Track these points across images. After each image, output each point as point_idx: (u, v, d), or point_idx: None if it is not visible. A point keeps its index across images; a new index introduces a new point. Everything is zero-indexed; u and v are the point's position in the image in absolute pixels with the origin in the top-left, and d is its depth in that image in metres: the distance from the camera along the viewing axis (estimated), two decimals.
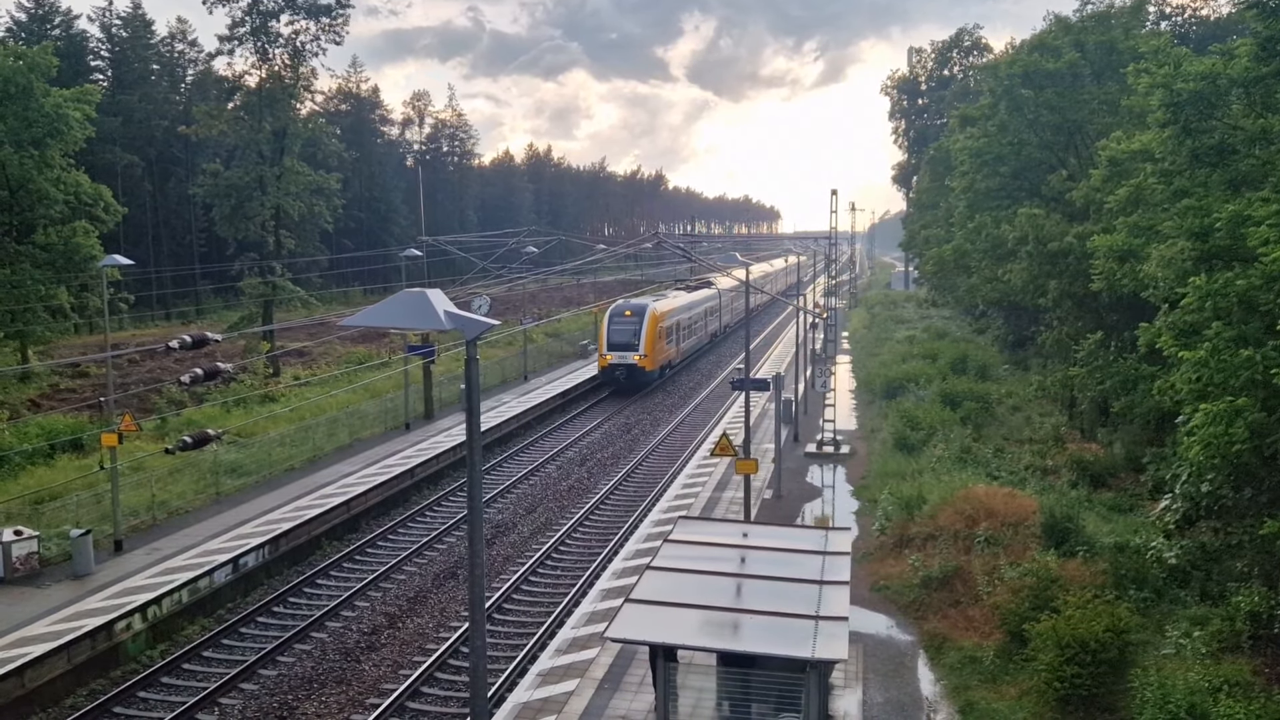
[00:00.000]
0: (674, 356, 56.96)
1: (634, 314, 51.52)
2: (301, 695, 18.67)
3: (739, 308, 79.83)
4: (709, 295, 69.19)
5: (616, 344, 50.40)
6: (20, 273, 46.00)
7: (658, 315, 52.42)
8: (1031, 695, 16.01)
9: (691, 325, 62.37)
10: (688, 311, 61.00)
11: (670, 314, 55.43)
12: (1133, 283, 22.27)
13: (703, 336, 67.05)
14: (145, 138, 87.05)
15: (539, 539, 28.02)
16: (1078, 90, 32.99)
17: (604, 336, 51.22)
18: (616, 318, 51.51)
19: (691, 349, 63.34)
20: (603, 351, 51.02)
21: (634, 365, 50.14)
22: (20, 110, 45.53)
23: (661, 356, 53.18)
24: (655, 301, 54.99)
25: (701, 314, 65.90)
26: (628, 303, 54.51)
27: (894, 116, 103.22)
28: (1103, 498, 25.56)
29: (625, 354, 50.11)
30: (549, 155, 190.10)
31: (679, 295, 62.73)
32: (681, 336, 58.76)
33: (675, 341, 56.84)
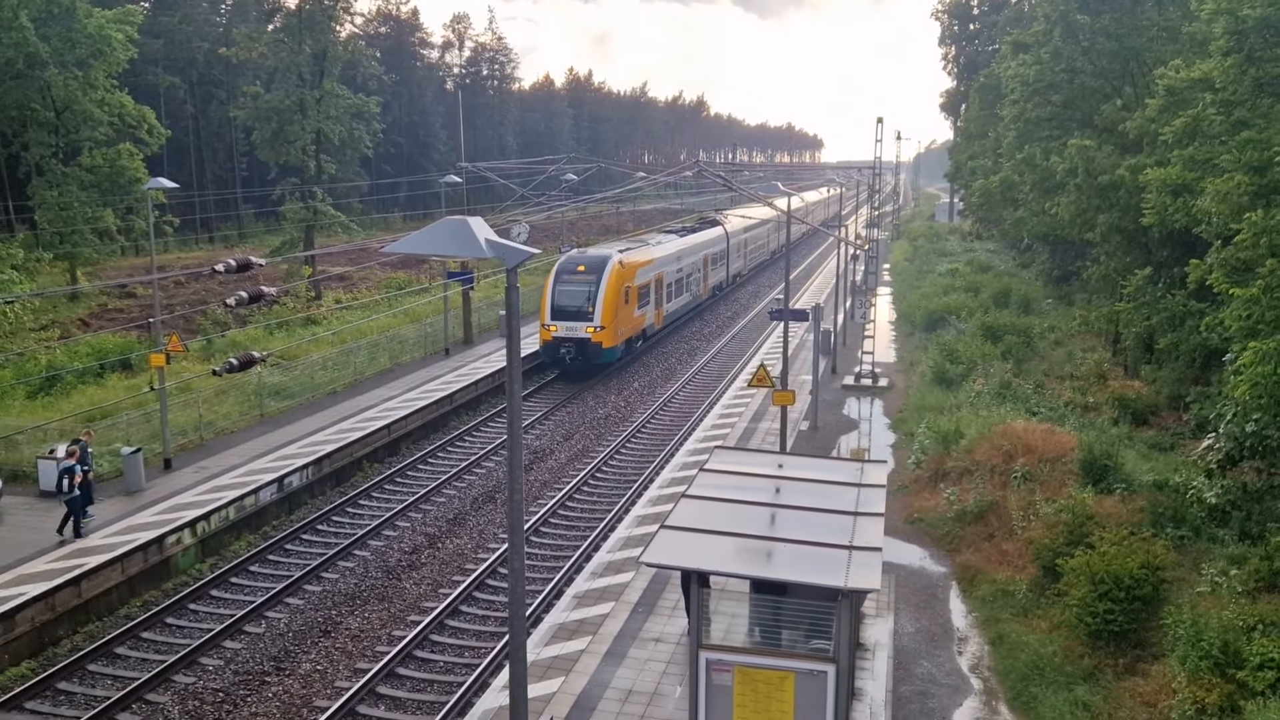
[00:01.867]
0: (652, 323, 44.43)
1: (589, 269, 38.54)
2: (345, 610, 19.25)
3: (759, 247, 72.87)
4: (711, 238, 57.09)
5: (563, 310, 37.82)
6: (68, 195, 46.67)
7: (624, 270, 39.30)
8: (1063, 629, 16.11)
9: (683, 279, 49.80)
10: (676, 262, 48.00)
11: (646, 267, 42.46)
12: (1185, 218, 21.73)
13: (698, 292, 53.76)
14: (186, 60, 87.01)
15: (576, 465, 28.37)
16: (1137, 16, 31.81)
17: (547, 299, 38.52)
18: (565, 275, 38.88)
19: (683, 309, 50.88)
20: (545, 320, 38.29)
21: (586, 340, 37.38)
22: (64, 31, 45.70)
23: (629, 326, 40.45)
24: (624, 251, 41.74)
25: (698, 263, 53.12)
26: (583, 254, 41.10)
27: (944, 42, 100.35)
28: (1144, 436, 25.31)
29: (574, 325, 37.37)
30: (589, 80, 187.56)
31: (665, 240, 49.13)
32: (667, 295, 46.23)
33: (655, 302, 44.28)
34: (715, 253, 57.42)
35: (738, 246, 64.36)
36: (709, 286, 56.34)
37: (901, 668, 15.59)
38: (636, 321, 41.75)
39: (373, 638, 18.25)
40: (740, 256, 66.17)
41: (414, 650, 17.58)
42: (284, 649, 17.72)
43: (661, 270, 44.99)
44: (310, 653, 17.65)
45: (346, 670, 17.07)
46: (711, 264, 56.42)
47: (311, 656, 17.52)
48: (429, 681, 16.75)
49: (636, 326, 41.86)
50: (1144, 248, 29.88)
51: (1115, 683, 14.70)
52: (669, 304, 47.07)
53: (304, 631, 18.37)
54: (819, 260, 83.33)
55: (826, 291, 55.41)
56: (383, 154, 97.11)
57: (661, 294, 45.22)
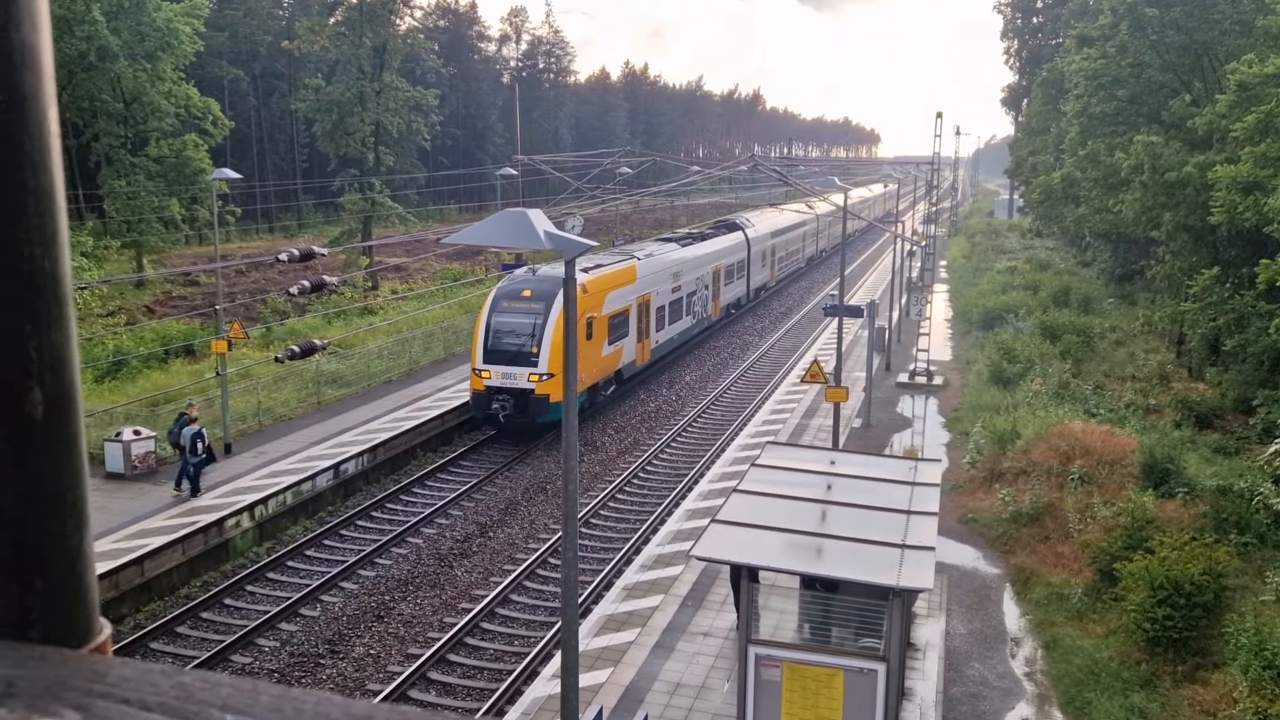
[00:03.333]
0: (632, 360, 34.47)
1: (536, 295, 28.81)
2: (398, 596, 19.54)
3: (791, 254, 64.12)
4: (726, 247, 47.72)
5: (499, 350, 28.55)
6: (135, 184, 47.81)
7: (587, 295, 29.55)
8: (1119, 634, 15.82)
9: (683, 299, 40.28)
10: (671, 280, 38.47)
11: (622, 289, 33.03)
12: (1256, 216, 21.19)
13: (704, 314, 43.75)
14: (249, 52, 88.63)
15: (626, 458, 28.46)
16: (1208, 9, 31.02)
17: (479, 335, 28.98)
18: (505, 302, 29.23)
19: (683, 336, 41.10)
20: (475, 363, 28.80)
21: (527, 393, 28.07)
22: (133, 24, 46.79)
23: (594, 368, 30.68)
24: (590, 269, 31.64)
25: (705, 278, 43.34)
26: (532, 274, 30.47)
27: (1006, 36, 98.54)
28: (1208, 439, 24.74)
29: (513, 371, 28.14)
30: (645, 73, 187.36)
31: (658, 252, 39.09)
32: (656, 321, 36.75)
33: (638, 333, 34.66)
34: (732, 264, 48.41)
35: (762, 255, 55.62)
36: (720, 306, 46.82)
37: (953, 669, 15.43)
38: (605, 362, 31.72)
39: (425, 623, 18.50)
40: (766, 267, 57.04)
41: (464, 637, 17.80)
42: (338, 632, 18.04)
43: (648, 291, 35.40)
44: (364, 636, 17.95)
45: (399, 655, 17.34)
46: (726, 278, 47.15)
47: (365, 640, 17.82)
48: (479, 669, 16.95)
49: (605, 368, 31.80)
50: (1211, 246, 29.17)
51: (1173, 690, 14.41)
52: (659, 333, 37.42)
53: (358, 616, 18.69)
54: (874, 256, 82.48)
55: (882, 288, 54.85)
56: (440, 146, 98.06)
57: (647, 321, 35.58)
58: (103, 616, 0.93)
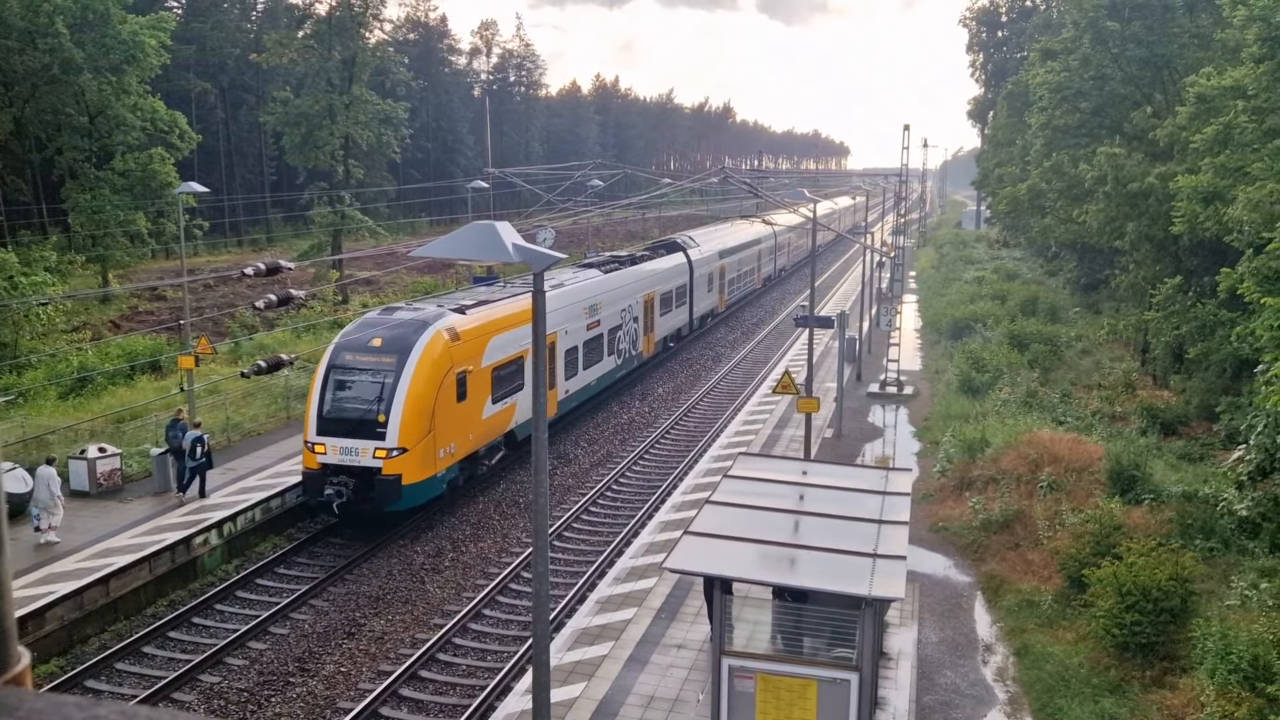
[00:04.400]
0: (529, 418, 25.07)
1: (387, 347, 23.07)
2: (369, 612, 19.36)
3: (744, 275, 59.17)
4: (663, 271, 41.99)
5: (337, 418, 22.72)
6: (100, 198, 47.33)
7: (456, 345, 23.78)
8: (1089, 640, 15.96)
9: (602, 336, 33.93)
10: (584, 316, 32.12)
11: (513, 334, 26.36)
12: (1216, 226, 21.54)
13: (633, 351, 37.69)
14: (217, 65, 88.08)
15: (599, 471, 28.41)
16: (1168, 23, 31.58)
17: (312, 399, 23.11)
18: (349, 352, 23.39)
19: (603, 380, 34.76)
20: (308, 435, 22.89)
21: (372, 472, 22.26)
22: (98, 37, 46.39)
23: (470, 434, 24.65)
24: (465, 309, 25.50)
25: (634, 308, 37.44)
26: (387, 318, 24.77)
27: (971, 49, 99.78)
28: (1172, 446, 25.06)
29: (354, 445, 22.37)
30: (616, 86, 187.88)
31: (573, 280, 33.13)
32: (566, 367, 30.59)
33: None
34: (669, 290, 42.51)
35: (708, 278, 49.90)
36: (655, 340, 40.65)
37: (925, 677, 15.49)
38: (488, 425, 25.62)
39: (396, 640, 18.34)
40: (712, 291, 51.14)
41: (437, 654, 17.67)
42: (308, 650, 17.84)
43: (553, 330, 29.02)
44: (334, 654, 17.76)
45: (370, 672, 17.17)
46: (662, 306, 41.40)
47: (335, 658, 17.63)
48: (451, 685, 16.82)
49: (488, 432, 25.71)
50: (1174, 256, 29.63)
51: (1142, 695, 14.54)
52: (571, 379, 31.11)
53: (328, 633, 18.49)
54: (844, 267, 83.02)
55: (852, 299, 55.23)
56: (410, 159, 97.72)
57: (552, 367, 29.51)
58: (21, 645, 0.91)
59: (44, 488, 20.04)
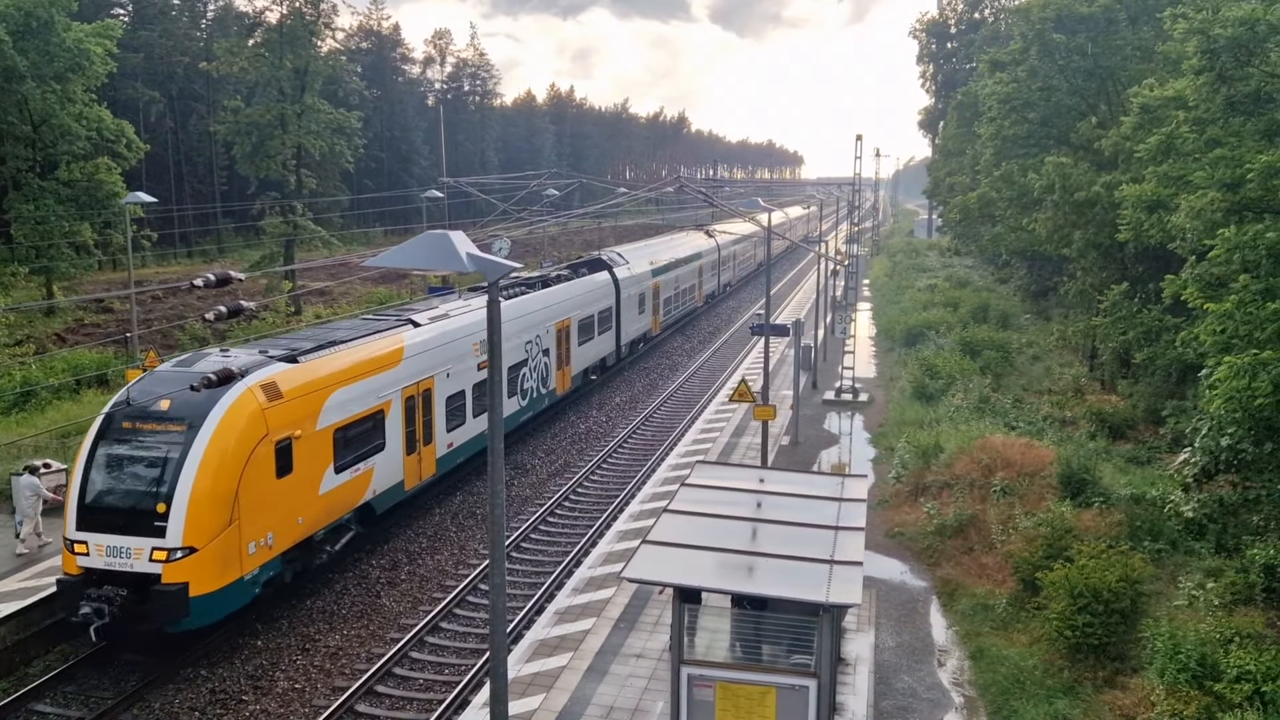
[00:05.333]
0: (396, 484, 22.97)
1: (177, 411, 17.65)
2: (323, 627, 19.08)
3: (683, 293, 54.37)
4: (582, 293, 36.95)
5: (104, 506, 17.19)
6: (44, 209, 46.31)
7: (276, 407, 18.46)
8: (1042, 643, 16.17)
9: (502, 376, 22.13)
10: (476, 355, 26.60)
11: (366, 385, 21.44)
12: (1160, 234, 22.02)
13: (542, 389, 32.43)
14: (166, 74, 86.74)
15: (557, 481, 28.29)
16: (1111, 35, 32.30)
17: (73, 483, 17.65)
18: (128, 420, 17.74)
19: (507, 425, 26.49)
20: (67, 530, 17.37)
21: (148, 582, 16.60)
22: (42, 45, 45.45)
23: (299, 518, 19.26)
24: (296, 358, 20.04)
25: (540, 341, 31.94)
26: (192, 364, 19.18)
27: (922, 60, 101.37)
28: (1121, 449, 25.54)
29: (125, 544, 16.75)
30: (571, 96, 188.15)
31: (459, 310, 27.17)
32: (441, 419, 25.03)
33: (403, 443, 23.11)
34: (590, 315, 37.43)
35: (639, 299, 44.46)
36: (572, 374, 35.73)
37: (883, 682, 15.60)
38: (327, 503, 20.12)
39: (351, 655, 18.09)
40: (645, 312, 45.72)
41: (393, 668, 17.45)
42: (260, 667, 17.53)
43: (428, 374, 23.96)
44: (287, 670, 17.47)
45: (325, 688, 16.91)
46: (581, 334, 36.44)
47: (289, 674, 17.34)
48: (408, 699, 16.62)
49: (328, 511, 20.23)
50: (1120, 263, 30.24)
51: (1095, 696, 14.76)
52: (457, 431, 25.80)
53: (280, 649, 18.19)
54: (799, 276, 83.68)
55: (807, 307, 55.66)
56: (364, 169, 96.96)
57: (429, 419, 24.18)
58: None
59: (23, 497, 20.41)
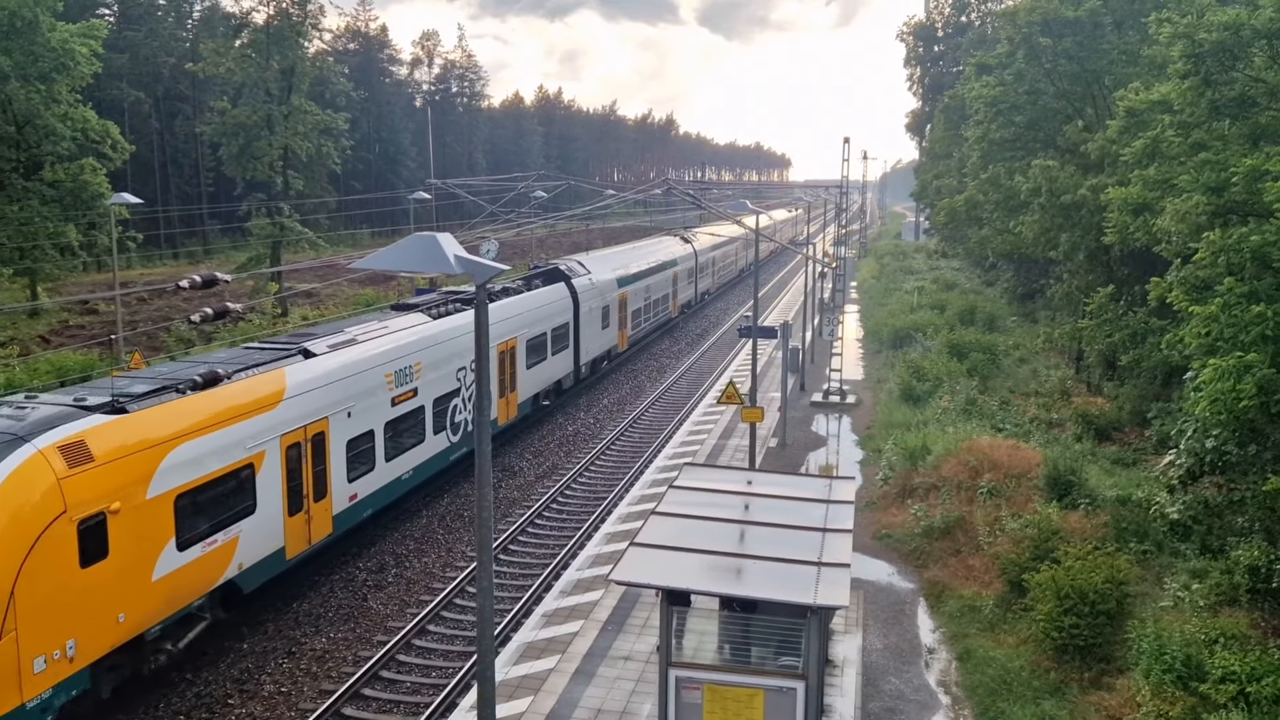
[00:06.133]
0: (273, 553, 18.71)
1: None
2: (309, 630, 18.99)
3: (654, 303, 50.11)
4: (532, 309, 32.49)
5: None
6: (28, 210, 45.99)
7: (81, 469, 14.10)
8: (1029, 644, 16.23)
9: (422, 412, 24.42)
10: (390, 387, 22.74)
11: (228, 434, 17.20)
12: (1146, 236, 22.09)
13: (473, 424, 17.55)
14: (152, 75, 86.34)
15: (545, 483, 28.24)
16: (1097, 39, 32.43)
17: None
18: None
19: (422, 473, 24.80)
20: None
21: None
22: (26, 44, 45.15)
23: (133, 609, 15.19)
24: (147, 398, 16.17)
25: (464, 367, 26.37)
26: None
27: (909, 63, 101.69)
28: (1107, 451, 25.64)
29: None
30: (559, 98, 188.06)
31: (369, 334, 23.17)
32: (339, 468, 20.75)
33: (284, 502, 18.85)
34: (543, 333, 33.09)
35: (604, 312, 40.75)
36: (519, 400, 31.22)
37: (870, 684, 15.62)
38: (167, 589, 16.17)
39: (338, 658, 18.01)
40: (609, 327, 41.78)
41: (380, 671, 17.38)
42: (246, 670, 17.44)
43: (319, 414, 19.78)
44: (273, 674, 17.38)
45: (312, 691, 16.83)
46: (531, 355, 31.95)
47: (275, 678, 17.25)
48: (395, 702, 16.55)
49: (168, 600, 16.26)
50: (1106, 266, 30.36)
51: (1081, 697, 14.81)
52: (361, 480, 21.65)
53: (266, 653, 18.09)
54: (787, 278, 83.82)
55: (794, 309, 55.73)
56: (351, 170, 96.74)
57: (322, 470, 20.11)
58: None
59: None
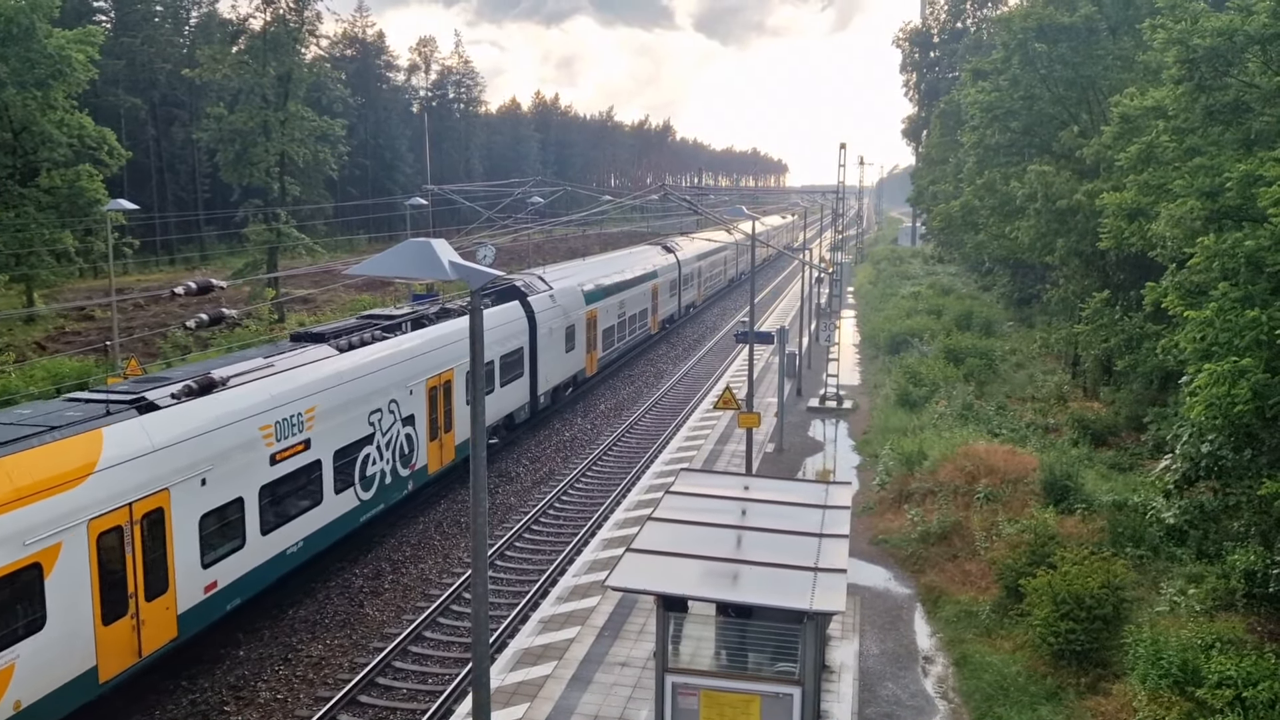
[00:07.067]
0: (81, 675, 14.04)
1: None
2: (305, 637, 18.95)
3: (634, 318, 46.18)
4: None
5: None
6: (24, 216, 45.94)
7: None
8: (1026, 649, 16.22)
9: (319, 469, 20.02)
10: (266, 444, 18.19)
11: None
12: (1141, 241, 22.13)
13: (396, 473, 23.27)
14: (148, 81, 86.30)
15: (541, 489, 28.21)
16: (1092, 45, 32.50)
17: None
18: None
19: (332, 534, 20.91)
20: None
21: None
22: (23, 51, 45.15)
23: None
24: None
25: (397, 405, 22.97)
26: None
27: (905, 69, 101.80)
28: (1103, 456, 25.64)
29: None
30: (556, 104, 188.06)
31: (274, 367, 19.43)
32: (187, 553, 16.35)
33: (96, 612, 14.33)
34: (489, 362, 28.71)
35: (568, 333, 36.36)
36: (455, 442, 26.24)
37: (867, 690, 15.60)
38: None
39: (334, 665, 17.97)
40: (575, 349, 37.32)
41: (376, 677, 17.34)
42: (242, 677, 17.40)
43: (152, 489, 15.61)
44: (269, 681, 17.34)
45: (308, 699, 16.79)
46: None
47: (271, 685, 17.21)
48: (391, 709, 16.52)
49: None
50: (1101, 271, 30.39)
51: (1078, 702, 14.80)
52: (229, 560, 17.68)
53: (262, 659, 18.05)
54: (783, 284, 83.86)
55: (791, 314, 55.77)
56: (348, 176, 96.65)
57: (159, 556, 15.85)
58: None
59: None
